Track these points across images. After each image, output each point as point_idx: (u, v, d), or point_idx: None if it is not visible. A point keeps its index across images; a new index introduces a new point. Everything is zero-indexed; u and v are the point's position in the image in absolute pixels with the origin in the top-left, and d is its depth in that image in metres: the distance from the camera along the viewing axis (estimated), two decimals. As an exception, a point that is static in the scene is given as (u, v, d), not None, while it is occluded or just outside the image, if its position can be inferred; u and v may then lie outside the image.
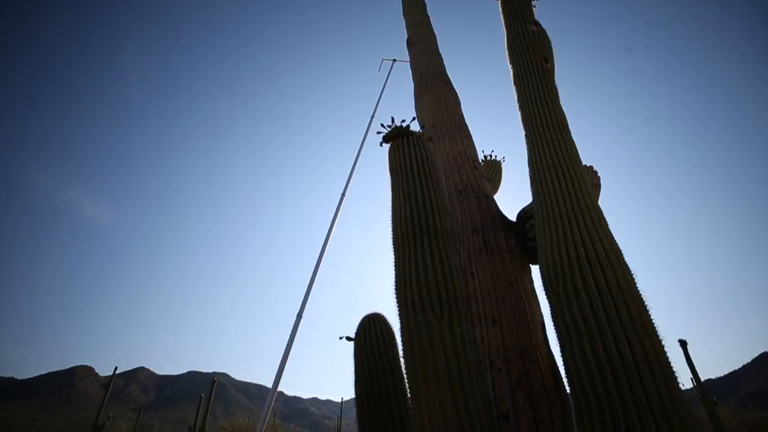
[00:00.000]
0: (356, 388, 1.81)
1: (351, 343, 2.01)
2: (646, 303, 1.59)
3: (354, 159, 4.08)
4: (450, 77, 3.22)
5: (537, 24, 2.25)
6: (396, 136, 1.71)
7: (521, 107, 2.03)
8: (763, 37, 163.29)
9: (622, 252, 1.68)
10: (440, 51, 3.54)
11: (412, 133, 1.71)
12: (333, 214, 3.69)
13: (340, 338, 1.98)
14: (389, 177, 1.66)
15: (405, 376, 1.30)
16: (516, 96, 2.10)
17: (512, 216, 2.33)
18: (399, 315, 1.35)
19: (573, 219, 1.70)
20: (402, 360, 1.90)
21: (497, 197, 2.55)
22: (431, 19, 3.89)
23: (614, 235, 1.74)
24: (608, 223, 1.78)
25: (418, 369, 1.23)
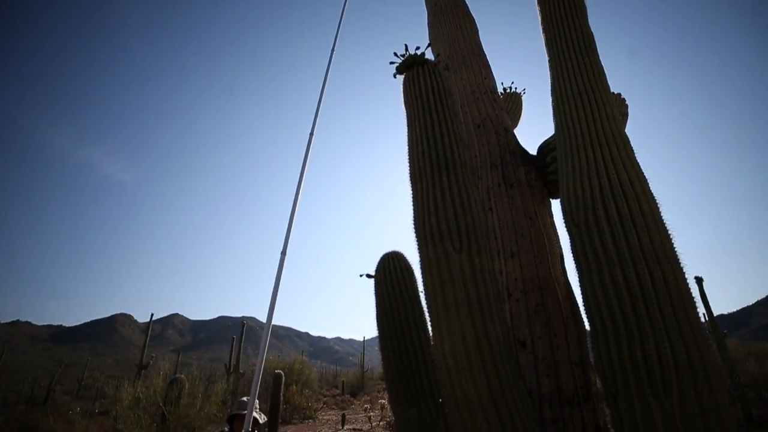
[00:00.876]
0: (378, 322, 1.89)
1: (372, 283, 2.08)
2: (670, 232, 1.57)
3: (318, 98, 3.91)
4: (466, 3, 2.97)
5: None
6: (410, 66, 1.62)
7: (545, 29, 1.88)
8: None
9: (648, 181, 1.63)
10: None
11: (428, 62, 1.62)
12: (303, 155, 3.64)
13: (361, 276, 2.05)
14: (404, 110, 1.60)
15: (425, 308, 1.34)
16: (540, 17, 1.94)
17: (532, 150, 2.26)
18: (418, 248, 1.37)
19: (597, 148, 1.63)
20: (422, 293, 1.98)
21: (517, 131, 2.46)
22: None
23: (640, 164, 1.68)
24: (635, 152, 1.71)
25: (438, 299, 1.27)
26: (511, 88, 3.10)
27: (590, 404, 1.60)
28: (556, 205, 2.12)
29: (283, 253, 3.53)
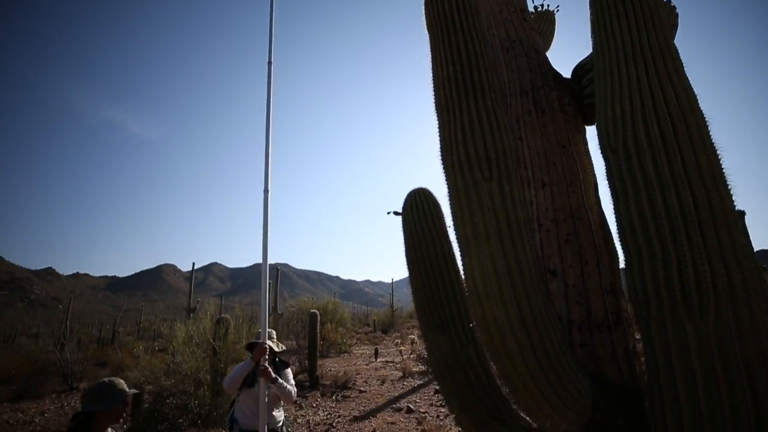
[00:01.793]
0: (407, 258, 1.93)
1: (400, 221, 2.09)
2: (718, 152, 1.46)
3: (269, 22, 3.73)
4: None
5: None
6: (433, -17, 1.48)
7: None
8: None
9: (697, 97, 1.49)
10: None
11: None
12: (266, 86, 3.57)
13: (388, 213, 2.06)
14: (427, 34, 1.49)
15: (455, 239, 1.34)
16: None
17: (566, 73, 2.09)
18: (446, 179, 1.34)
19: (641, 63, 1.48)
20: (450, 227, 1.98)
21: (549, 53, 2.26)
22: None
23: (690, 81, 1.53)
24: (684, 66, 1.55)
25: (468, 229, 1.26)
26: (543, 6, 2.81)
27: (620, 329, 1.62)
28: (592, 132, 2.00)
29: (266, 191, 3.65)
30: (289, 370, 3.44)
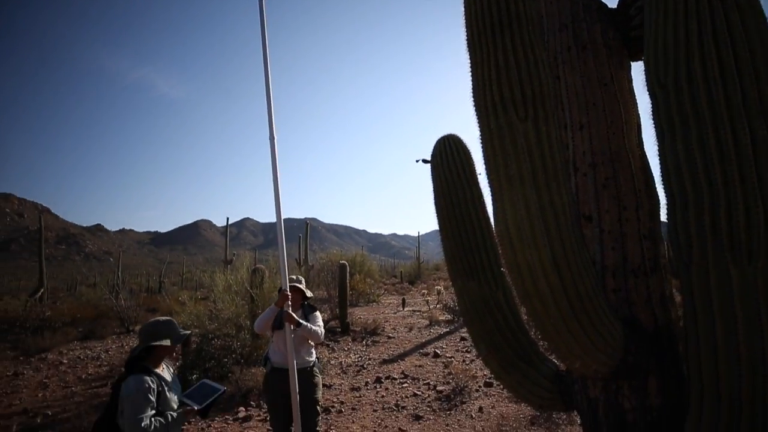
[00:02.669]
0: (437, 205, 1.92)
1: (428, 176, 2.05)
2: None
3: None
4: None
5: None
6: None
7: None
8: None
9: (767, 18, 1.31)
10: None
11: None
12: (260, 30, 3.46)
13: (417, 161, 2.03)
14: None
15: (487, 182, 1.31)
16: None
17: (612, 3, 1.89)
18: (478, 121, 1.28)
19: (703, -19, 1.31)
20: (480, 174, 1.93)
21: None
22: None
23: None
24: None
25: (501, 172, 1.22)
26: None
27: (657, 275, 1.58)
28: (638, 68, 1.83)
29: (272, 139, 3.68)
30: (318, 314, 3.66)
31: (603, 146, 1.61)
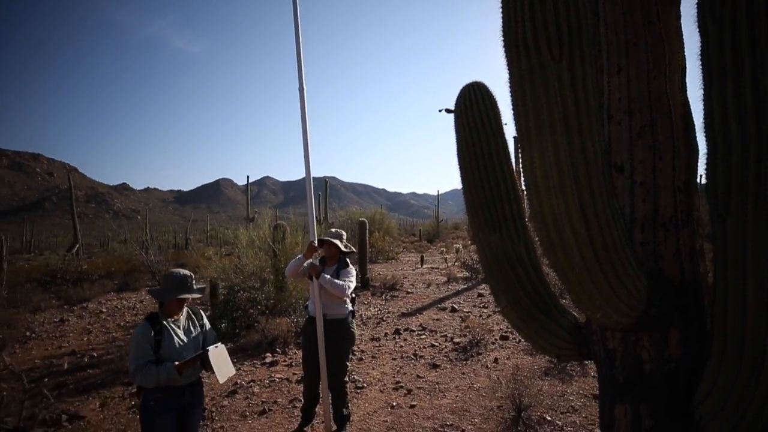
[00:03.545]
0: (459, 156, 1.87)
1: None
2: None
3: None
4: None
5: None
6: None
7: None
8: None
9: None
10: None
11: None
12: None
13: (440, 111, 1.96)
14: None
15: (515, 129, 1.25)
16: None
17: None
18: (507, 63, 1.20)
19: None
20: (505, 124, 1.86)
21: None
22: None
23: None
24: None
25: (531, 118, 1.16)
26: None
27: (689, 228, 1.52)
28: (688, 3, 1.66)
29: (301, 90, 3.64)
30: (351, 269, 3.79)
31: (642, 91, 1.50)
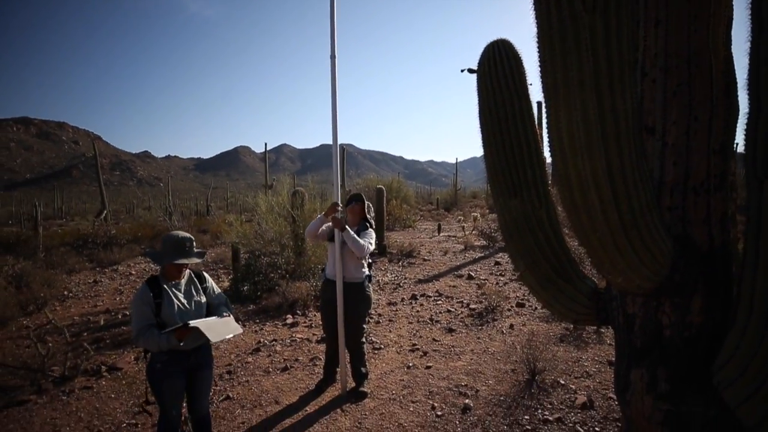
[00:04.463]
0: (481, 118, 1.81)
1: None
2: None
3: None
4: None
5: None
6: None
7: None
8: None
9: None
10: None
11: None
12: None
13: (462, 71, 1.89)
14: None
15: (542, 87, 1.20)
16: None
17: None
18: (536, 14, 1.13)
19: None
20: (530, 84, 1.78)
21: None
22: None
23: None
24: None
25: (559, 74, 1.10)
26: None
27: (721, 193, 1.46)
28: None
29: (332, 57, 3.57)
30: (371, 231, 3.87)
31: (680, 46, 1.40)
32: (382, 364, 4.51)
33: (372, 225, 3.91)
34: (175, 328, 2.42)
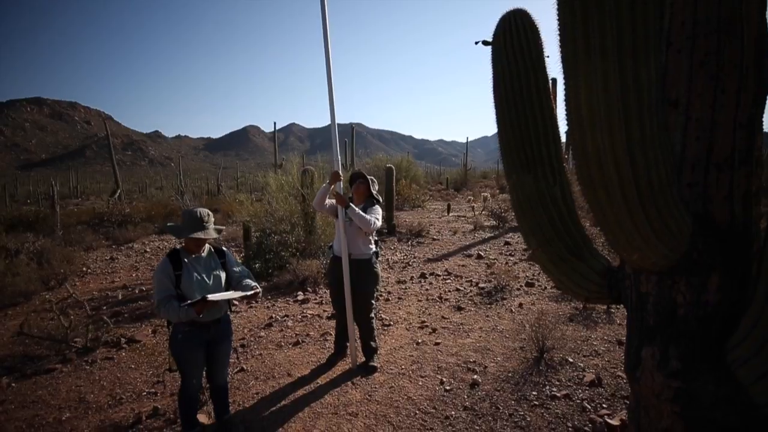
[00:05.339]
0: (495, 91, 1.76)
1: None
2: None
3: None
4: None
5: None
6: None
7: None
8: None
9: None
10: None
11: None
12: None
13: (476, 43, 1.81)
14: None
15: (561, 57, 1.15)
16: None
17: None
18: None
19: None
20: (547, 57, 1.71)
21: None
22: None
23: None
24: None
25: (580, 42, 1.06)
26: None
27: (745, 169, 1.41)
28: None
29: (323, 16, 3.46)
30: (378, 207, 3.87)
31: (710, 13, 1.32)
32: (392, 340, 4.59)
33: (379, 200, 3.90)
34: (194, 302, 2.49)
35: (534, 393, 3.44)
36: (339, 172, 3.58)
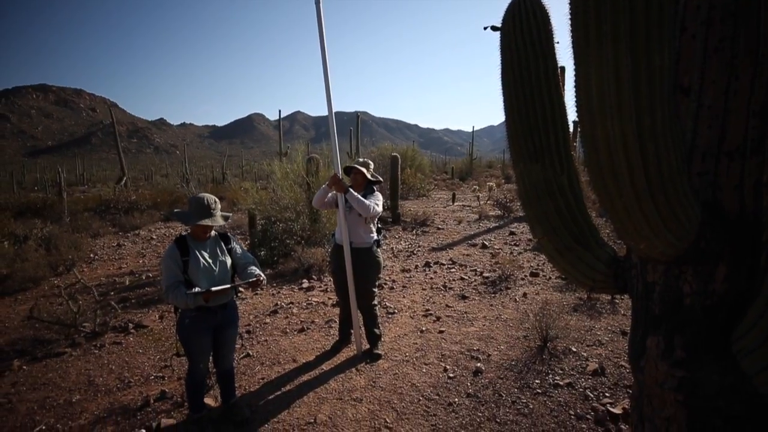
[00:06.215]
0: (504, 78, 1.74)
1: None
2: None
3: None
4: None
5: None
6: None
7: None
8: None
9: None
10: None
11: None
12: None
13: (485, 29, 1.78)
14: None
15: (572, 43, 1.13)
16: None
17: None
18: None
19: None
20: (557, 43, 1.68)
21: None
22: None
23: None
24: None
25: (591, 29, 1.03)
26: None
27: (758, 158, 1.38)
28: None
29: (317, 2, 3.41)
30: (377, 194, 3.87)
31: (726, -4, 1.29)
32: (396, 328, 4.63)
33: (379, 180, 3.91)
34: (198, 293, 2.53)
35: (537, 381, 3.47)
36: (338, 175, 3.55)
